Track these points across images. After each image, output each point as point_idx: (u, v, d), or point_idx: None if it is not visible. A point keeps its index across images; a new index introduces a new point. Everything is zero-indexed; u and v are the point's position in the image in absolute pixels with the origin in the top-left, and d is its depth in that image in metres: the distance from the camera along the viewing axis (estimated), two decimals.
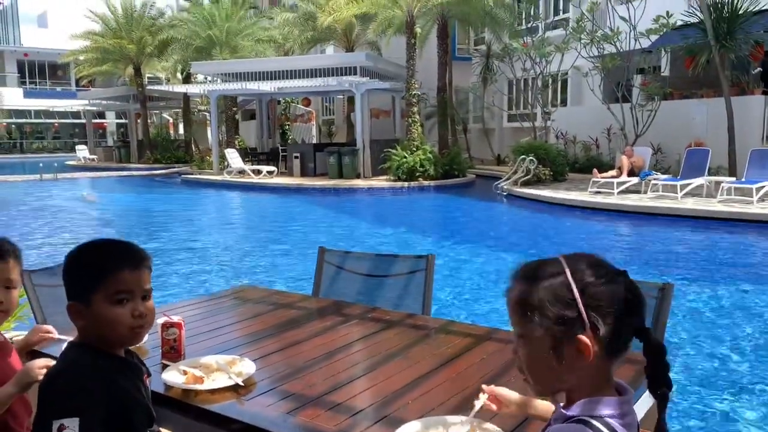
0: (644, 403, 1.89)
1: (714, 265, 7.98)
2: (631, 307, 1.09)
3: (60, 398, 1.37)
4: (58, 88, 48.76)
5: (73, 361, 1.47)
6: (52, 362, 1.61)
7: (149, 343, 2.17)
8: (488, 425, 1.54)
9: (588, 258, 1.13)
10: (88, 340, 1.50)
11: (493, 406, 1.54)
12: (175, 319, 2.15)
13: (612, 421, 1.07)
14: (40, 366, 1.72)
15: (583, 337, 1.05)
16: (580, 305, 1.06)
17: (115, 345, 1.53)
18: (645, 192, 13.03)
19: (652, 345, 1.10)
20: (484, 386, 1.57)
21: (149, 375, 1.64)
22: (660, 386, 1.09)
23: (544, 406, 1.52)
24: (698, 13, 13.52)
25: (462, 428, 1.54)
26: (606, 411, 1.08)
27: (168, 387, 1.88)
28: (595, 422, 1.06)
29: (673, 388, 1.10)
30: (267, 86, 21.12)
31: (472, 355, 2.21)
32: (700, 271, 7.69)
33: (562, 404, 1.14)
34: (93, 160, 32.31)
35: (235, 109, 25.89)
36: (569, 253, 1.14)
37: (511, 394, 1.55)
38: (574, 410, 1.09)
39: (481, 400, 1.55)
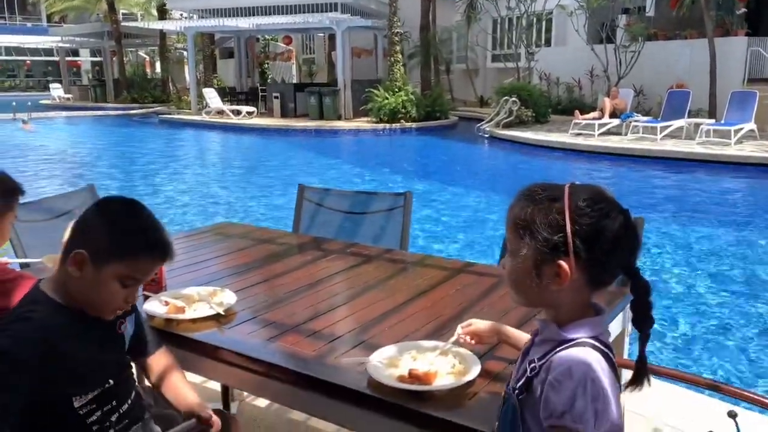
0: (613, 331, 1.97)
1: (682, 204, 8.20)
2: (622, 245, 1.11)
3: None
4: (29, 24, 47.06)
5: (29, 316, 1.38)
6: None
7: None
8: (460, 349, 1.61)
9: (593, 190, 1.13)
10: (65, 288, 1.43)
11: (471, 341, 1.61)
12: None
13: (602, 339, 1.14)
14: None
15: (563, 263, 1.09)
16: (568, 232, 1.08)
17: (89, 311, 1.45)
18: (626, 134, 13.09)
19: (639, 284, 1.13)
20: (460, 326, 1.64)
21: (124, 320, 1.57)
22: (644, 322, 1.14)
23: (515, 333, 1.58)
24: None
25: (434, 351, 1.60)
26: (594, 332, 1.14)
27: (150, 317, 1.92)
28: (595, 342, 1.11)
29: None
30: (245, 23, 20.58)
31: (447, 286, 2.27)
32: (669, 208, 7.88)
33: (548, 325, 1.17)
34: (68, 99, 31.54)
35: (212, 47, 25.23)
36: (579, 183, 1.15)
37: (484, 324, 1.62)
38: (570, 332, 1.13)
39: (455, 335, 1.61)
